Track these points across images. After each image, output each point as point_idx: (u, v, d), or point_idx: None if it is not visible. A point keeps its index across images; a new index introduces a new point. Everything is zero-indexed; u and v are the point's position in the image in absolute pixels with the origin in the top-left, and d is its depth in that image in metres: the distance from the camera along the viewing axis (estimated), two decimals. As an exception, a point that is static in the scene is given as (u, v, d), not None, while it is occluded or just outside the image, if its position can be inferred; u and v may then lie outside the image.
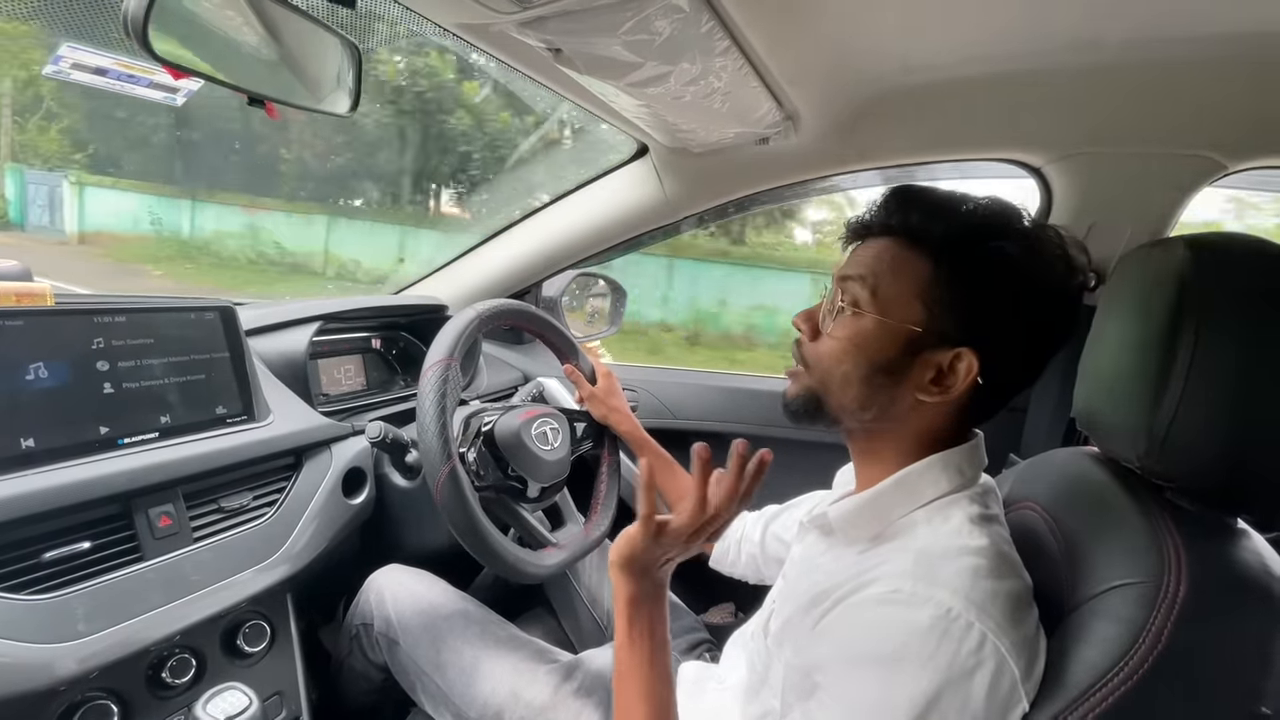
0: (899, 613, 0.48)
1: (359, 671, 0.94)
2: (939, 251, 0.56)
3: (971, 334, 0.55)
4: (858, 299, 0.58)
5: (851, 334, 0.58)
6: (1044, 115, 0.97)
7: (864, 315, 0.57)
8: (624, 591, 0.61)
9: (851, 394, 0.59)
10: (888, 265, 0.57)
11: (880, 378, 0.57)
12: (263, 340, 0.97)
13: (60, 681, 0.58)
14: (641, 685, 0.60)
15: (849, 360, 0.58)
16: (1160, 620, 0.46)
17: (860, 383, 0.58)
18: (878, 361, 0.57)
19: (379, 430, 0.91)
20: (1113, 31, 0.76)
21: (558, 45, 0.71)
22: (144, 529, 0.69)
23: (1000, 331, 0.55)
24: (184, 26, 0.55)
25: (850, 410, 0.60)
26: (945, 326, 0.56)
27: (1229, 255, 0.50)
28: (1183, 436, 0.49)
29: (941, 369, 0.56)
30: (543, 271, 1.39)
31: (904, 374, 0.57)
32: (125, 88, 0.76)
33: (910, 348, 0.56)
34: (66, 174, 8.67)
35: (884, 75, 0.90)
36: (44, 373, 0.66)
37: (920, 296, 0.56)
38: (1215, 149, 0.92)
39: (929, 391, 0.57)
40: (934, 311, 0.56)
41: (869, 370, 0.58)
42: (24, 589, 0.60)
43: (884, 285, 0.57)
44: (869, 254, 0.59)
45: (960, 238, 0.56)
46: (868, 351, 0.57)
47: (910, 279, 0.56)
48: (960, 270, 0.55)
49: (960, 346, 0.55)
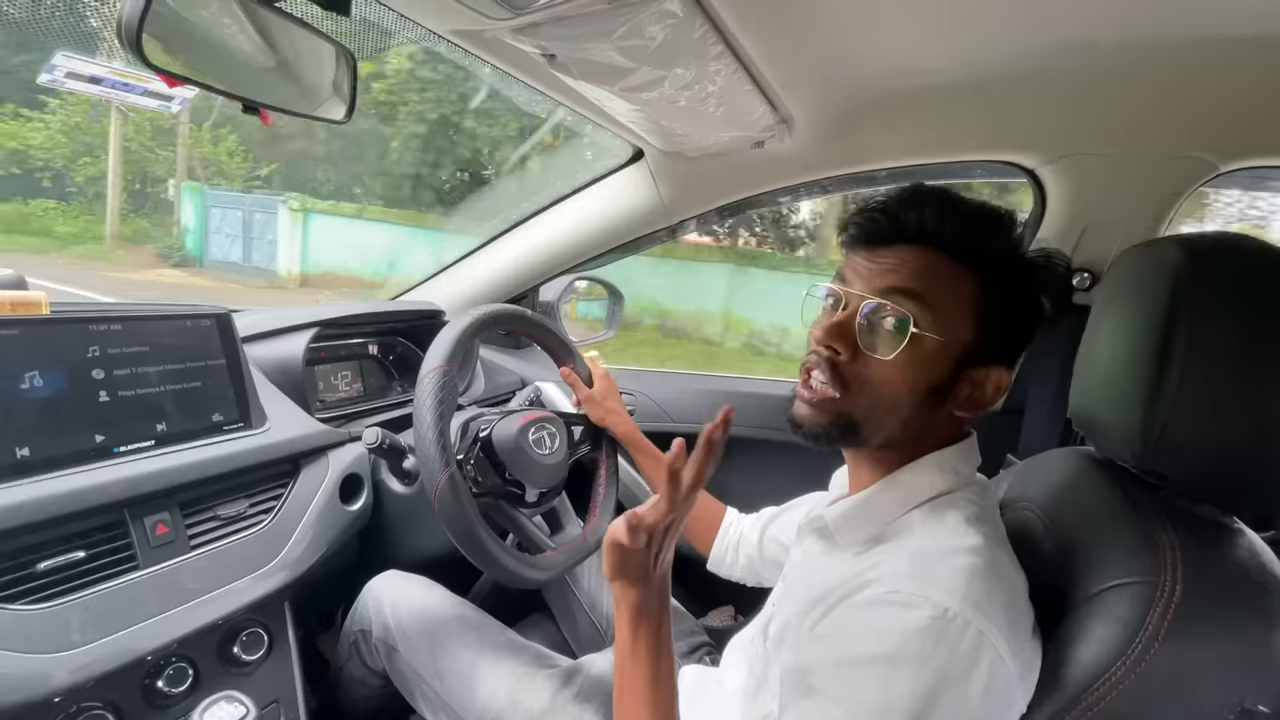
0: (896, 613, 0.48)
1: (357, 678, 0.94)
2: (992, 271, 0.55)
3: (1007, 353, 0.57)
4: (917, 318, 0.53)
5: (911, 355, 0.54)
6: (1037, 118, 0.97)
7: (924, 336, 0.54)
8: (626, 601, 0.58)
9: (900, 416, 0.56)
10: (938, 279, 0.54)
11: (932, 399, 0.56)
12: (259, 347, 0.97)
13: (55, 692, 0.58)
14: (645, 696, 0.58)
15: (907, 383, 0.55)
16: (1157, 619, 0.46)
17: (913, 406, 0.56)
18: (934, 383, 0.56)
19: (376, 436, 0.91)
20: (1106, 34, 0.76)
21: (551, 51, 0.72)
22: (140, 537, 0.69)
23: (1024, 347, 0.58)
24: (179, 34, 0.55)
25: (890, 431, 0.57)
26: (991, 346, 0.56)
27: (1221, 255, 0.50)
28: (1178, 436, 0.49)
29: (975, 384, 0.57)
30: (539, 276, 1.39)
31: (948, 394, 0.57)
32: (120, 96, 0.76)
33: (958, 367, 0.56)
34: (286, 198, 6.67)
35: (878, 78, 0.91)
36: (39, 381, 0.65)
37: (973, 316, 0.55)
38: (1208, 150, 0.93)
39: (965, 408, 0.57)
40: (982, 331, 0.55)
41: (925, 392, 0.55)
42: (19, 599, 0.59)
43: (942, 302, 0.54)
44: (914, 265, 0.55)
45: (1015, 258, 0.56)
46: (926, 374, 0.55)
47: (964, 297, 0.55)
48: (1009, 292, 0.55)
49: (998, 365, 0.56)
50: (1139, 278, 0.55)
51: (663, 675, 0.59)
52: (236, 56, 0.63)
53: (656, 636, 0.59)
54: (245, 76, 0.65)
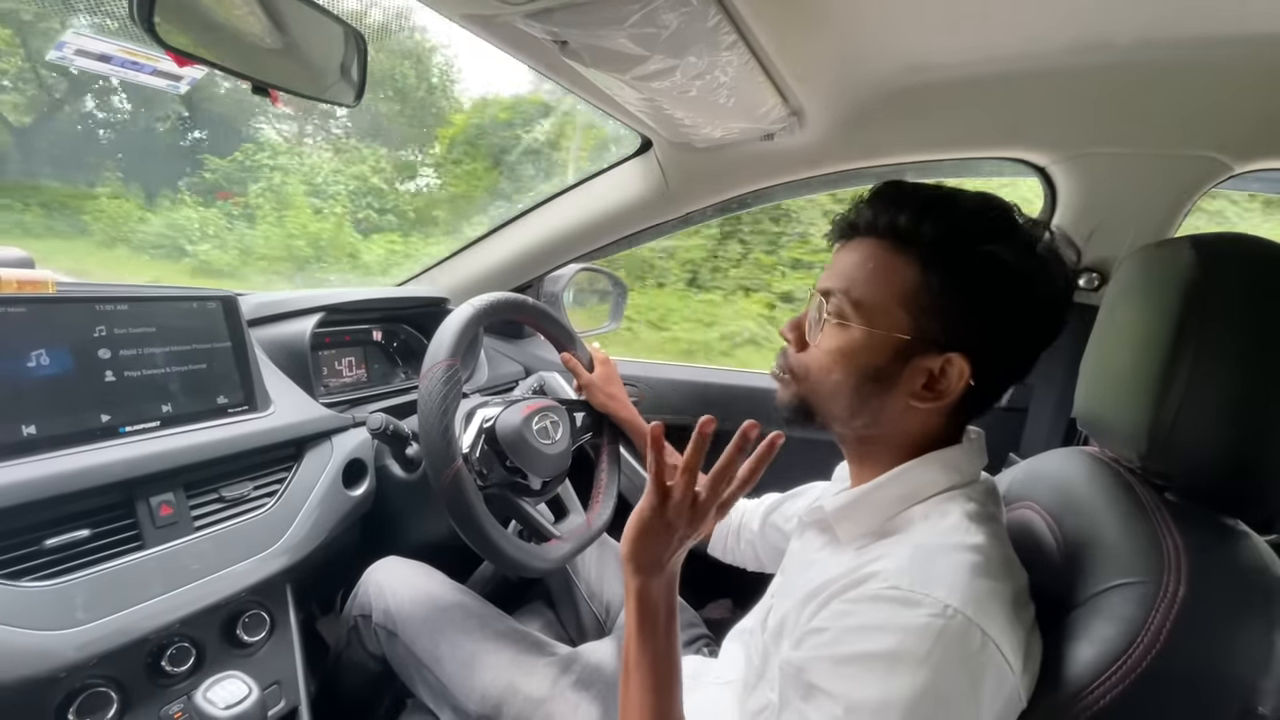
0: (896, 610, 0.48)
1: (357, 663, 0.95)
2: (928, 255, 0.54)
3: (962, 339, 0.54)
4: (842, 310, 0.57)
5: (838, 345, 0.57)
6: (1050, 115, 0.96)
7: (850, 326, 0.56)
8: (637, 586, 0.59)
9: (841, 404, 0.59)
10: (871, 272, 0.56)
11: (870, 386, 0.57)
12: (264, 330, 0.97)
13: (60, 669, 0.59)
14: (650, 681, 0.59)
15: (837, 371, 0.58)
16: (1159, 620, 0.46)
17: (850, 393, 0.58)
18: (866, 371, 0.57)
19: (380, 422, 0.91)
20: (1121, 32, 0.75)
21: (564, 37, 0.71)
22: (145, 517, 0.70)
23: (991, 335, 0.54)
24: (190, 13, 0.55)
25: (840, 418, 0.60)
26: (934, 333, 0.55)
27: (1234, 256, 0.50)
28: (1185, 437, 0.49)
29: (933, 374, 0.55)
30: (545, 265, 1.39)
31: (894, 381, 0.56)
32: (129, 74, 0.75)
33: (899, 355, 0.56)
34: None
35: (891, 73, 0.90)
36: (46, 360, 0.66)
37: (905, 304, 0.55)
38: (1221, 150, 0.92)
39: (922, 397, 0.56)
40: (920, 319, 0.55)
41: (858, 380, 0.57)
42: (24, 576, 0.60)
43: (867, 294, 0.56)
44: (852, 259, 0.58)
45: (950, 241, 0.54)
46: (855, 362, 0.57)
47: (895, 285, 0.55)
48: (950, 276, 0.54)
49: (951, 352, 0.54)
50: (1150, 278, 0.54)
51: (670, 661, 0.60)
52: (248, 37, 0.63)
53: (664, 621, 0.60)
54: (256, 57, 0.65)
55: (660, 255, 4.31)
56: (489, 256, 1.40)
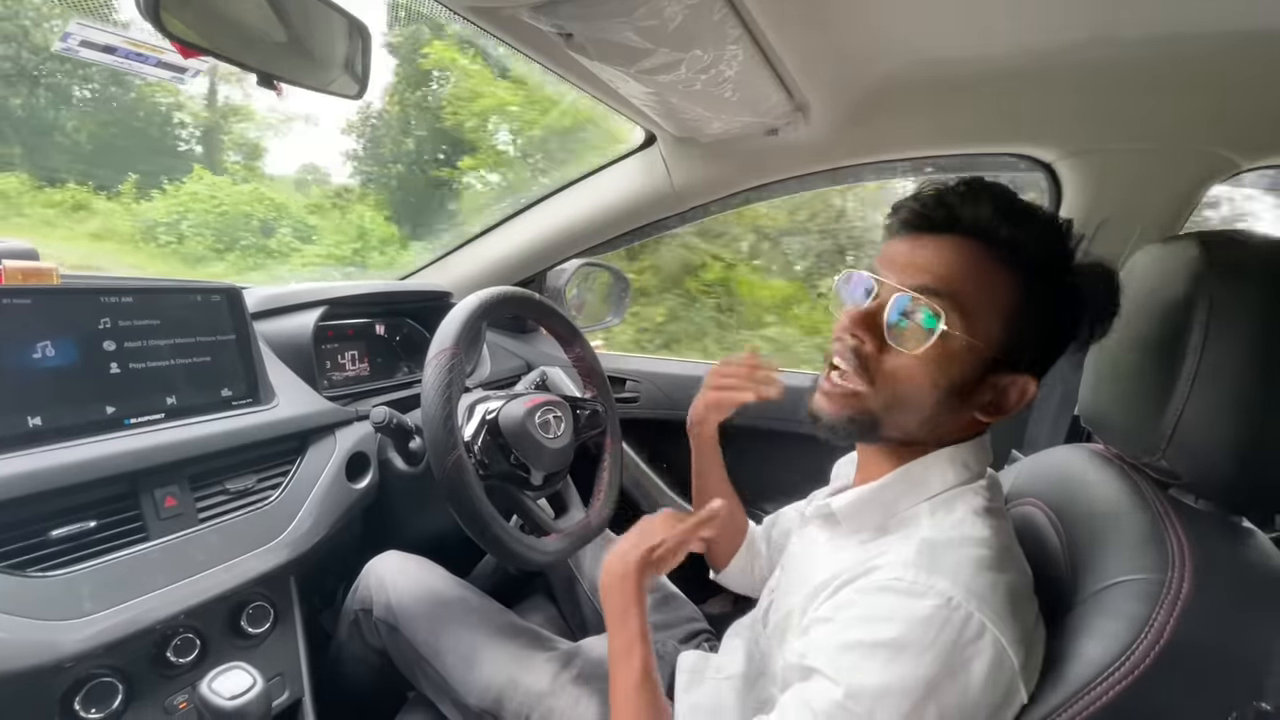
0: (900, 600, 0.48)
1: (358, 656, 0.95)
2: (1031, 272, 0.52)
3: (1036, 362, 0.54)
4: (948, 316, 0.51)
5: (936, 354, 0.52)
6: (1057, 110, 0.96)
7: (953, 335, 0.52)
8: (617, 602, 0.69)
9: (921, 416, 0.55)
10: (975, 279, 0.52)
11: (952, 400, 0.54)
12: (268, 323, 0.97)
13: (66, 659, 0.59)
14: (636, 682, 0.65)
15: (929, 382, 0.53)
16: (1163, 616, 0.46)
17: (934, 405, 0.54)
18: (955, 384, 0.53)
19: (384, 415, 0.91)
20: (1128, 27, 0.75)
21: (569, 30, 0.71)
22: (149, 509, 0.70)
23: (1054, 358, 0.55)
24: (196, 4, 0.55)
25: (909, 430, 0.56)
26: (1020, 354, 0.53)
27: (1241, 254, 0.50)
28: (1190, 434, 0.49)
29: (998, 389, 0.55)
30: (548, 260, 1.39)
31: (970, 395, 0.55)
32: (133, 66, 0.75)
33: (984, 370, 0.54)
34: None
35: (896, 67, 0.90)
36: (51, 351, 0.66)
37: (1005, 319, 0.52)
38: (1228, 146, 0.92)
39: (987, 411, 0.55)
40: (1015, 338, 0.53)
41: (945, 393, 0.54)
42: (30, 566, 0.60)
43: (973, 302, 0.52)
44: (947, 258, 0.53)
45: (1051, 266, 0.52)
46: (950, 374, 0.53)
47: (999, 299, 0.52)
48: (1049, 297, 0.52)
49: (1025, 374, 0.54)
50: (1156, 275, 0.54)
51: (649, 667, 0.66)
52: (253, 29, 0.62)
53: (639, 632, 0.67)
54: (261, 49, 0.65)
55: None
56: (492, 251, 1.40)
